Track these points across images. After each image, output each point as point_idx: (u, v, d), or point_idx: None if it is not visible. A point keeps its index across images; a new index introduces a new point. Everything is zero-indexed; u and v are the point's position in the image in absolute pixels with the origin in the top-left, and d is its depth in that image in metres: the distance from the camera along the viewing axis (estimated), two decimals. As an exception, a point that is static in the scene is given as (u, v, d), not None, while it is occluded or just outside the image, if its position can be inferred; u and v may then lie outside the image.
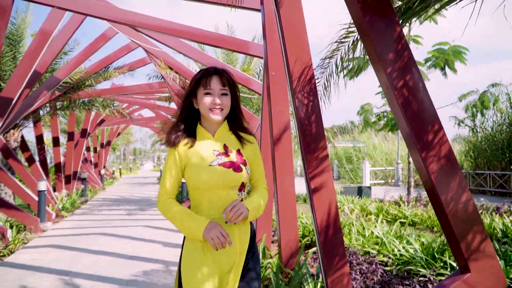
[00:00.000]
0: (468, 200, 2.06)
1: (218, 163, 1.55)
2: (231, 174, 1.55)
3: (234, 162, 1.58)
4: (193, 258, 1.52)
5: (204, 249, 1.52)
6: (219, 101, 1.56)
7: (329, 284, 2.76)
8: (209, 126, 1.63)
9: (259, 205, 1.58)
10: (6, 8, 5.07)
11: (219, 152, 1.58)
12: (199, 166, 1.54)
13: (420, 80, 2.02)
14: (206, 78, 1.56)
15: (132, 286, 3.72)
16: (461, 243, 2.05)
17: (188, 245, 1.56)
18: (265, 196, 1.65)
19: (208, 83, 1.56)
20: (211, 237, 1.44)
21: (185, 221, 1.51)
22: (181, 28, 5.37)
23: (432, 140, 2.03)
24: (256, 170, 1.68)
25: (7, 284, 3.83)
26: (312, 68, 2.88)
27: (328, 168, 2.87)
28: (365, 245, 4.63)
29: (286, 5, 2.80)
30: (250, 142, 1.67)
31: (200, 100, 1.58)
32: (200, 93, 1.57)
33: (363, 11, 1.95)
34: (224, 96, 1.58)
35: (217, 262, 1.51)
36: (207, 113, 1.57)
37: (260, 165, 1.70)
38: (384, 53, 1.99)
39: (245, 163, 1.61)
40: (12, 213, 6.48)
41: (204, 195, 1.55)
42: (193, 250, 1.53)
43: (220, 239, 1.44)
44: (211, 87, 1.56)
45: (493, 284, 2.10)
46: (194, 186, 1.56)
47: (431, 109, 2.04)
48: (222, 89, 1.57)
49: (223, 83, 1.57)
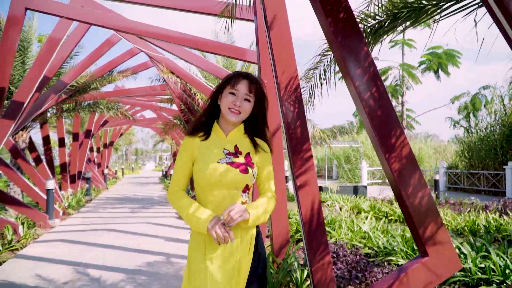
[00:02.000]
0: (425, 194, 2.41)
1: (226, 161, 1.59)
2: (237, 174, 1.57)
3: (242, 163, 1.61)
4: (196, 253, 1.57)
5: (206, 243, 1.56)
6: (239, 103, 1.60)
7: (313, 271, 3.11)
8: (225, 125, 1.67)
9: (262, 212, 1.59)
10: (19, 18, 5.44)
11: (229, 152, 1.62)
12: (207, 162, 1.58)
13: (384, 91, 2.37)
14: (236, 79, 1.61)
15: (137, 275, 4.08)
16: (419, 230, 2.40)
17: (193, 239, 1.62)
18: (271, 204, 1.65)
19: (236, 84, 1.60)
20: (214, 231, 1.48)
21: (192, 213, 1.55)
22: (182, 36, 5.72)
23: (395, 143, 2.38)
24: (266, 178, 1.69)
25: (22, 274, 4.20)
26: (298, 79, 3.23)
27: (312, 167, 3.22)
28: (353, 239, 4.99)
29: (275, 25, 3.16)
30: (264, 150, 1.69)
31: (224, 97, 1.62)
32: (226, 91, 1.62)
33: (334, 34, 2.30)
34: (247, 101, 1.62)
35: (218, 257, 1.54)
36: (226, 111, 1.61)
37: (270, 173, 1.71)
38: (353, 69, 2.34)
39: (252, 167, 1.63)
40: (23, 210, 6.85)
41: (208, 192, 1.58)
42: (197, 244, 1.58)
43: (223, 235, 1.48)
44: (237, 89, 1.60)
45: (448, 267, 2.45)
46: (199, 181, 1.59)
47: (393, 116, 2.39)
48: (247, 95, 1.61)
49: (250, 89, 1.61)
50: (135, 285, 3.74)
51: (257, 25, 4.37)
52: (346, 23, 2.32)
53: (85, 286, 3.74)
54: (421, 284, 2.38)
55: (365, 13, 2.99)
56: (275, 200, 1.70)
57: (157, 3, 4.68)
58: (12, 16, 5.40)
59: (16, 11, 5.41)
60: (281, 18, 3.26)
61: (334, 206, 6.65)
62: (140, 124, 21.26)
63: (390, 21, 2.81)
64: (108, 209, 9.74)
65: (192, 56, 6.81)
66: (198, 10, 4.74)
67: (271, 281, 3.45)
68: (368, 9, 2.98)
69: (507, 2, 1.47)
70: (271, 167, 1.72)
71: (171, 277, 4.00)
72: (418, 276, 2.39)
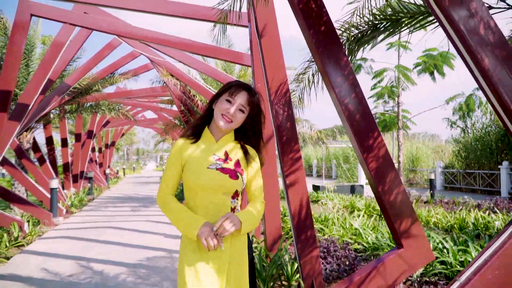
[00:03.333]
0: (400, 191, 2.63)
1: (216, 167, 1.58)
2: (226, 180, 1.57)
3: (232, 169, 1.60)
4: (187, 259, 1.56)
5: (196, 250, 1.56)
6: (233, 112, 1.60)
7: (302, 264, 3.34)
8: (215, 131, 1.67)
9: (253, 218, 1.60)
10: (25, 24, 5.68)
11: (218, 157, 1.62)
12: (197, 167, 1.57)
13: (362, 97, 2.60)
14: (236, 88, 1.62)
15: (138, 269, 4.32)
16: (395, 225, 2.62)
17: (183, 244, 1.61)
18: (261, 210, 1.67)
19: (235, 93, 1.61)
20: (204, 238, 1.47)
21: (181, 219, 1.55)
22: (181, 41, 5.95)
23: (372, 144, 2.61)
24: (255, 185, 1.70)
25: (31, 267, 4.44)
26: (287, 84, 3.46)
27: (301, 167, 3.45)
28: (344, 236, 5.21)
29: (266, 34, 3.39)
30: (253, 158, 1.70)
31: (219, 102, 1.62)
32: (223, 97, 1.62)
33: (316, 45, 2.53)
34: (241, 112, 1.62)
35: (208, 262, 1.54)
36: (218, 117, 1.61)
37: (259, 180, 1.72)
38: (333, 77, 2.57)
39: (242, 173, 1.63)
40: (28, 208, 7.10)
41: (197, 197, 1.58)
42: (187, 252, 1.57)
43: (212, 241, 1.47)
44: (234, 98, 1.60)
45: (422, 258, 2.67)
46: (189, 186, 1.60)
47: (371, 120, 2.61)
48: (243, 106, 1.61)
49: (247, 102, 1.61)
50: (136, 277, 3.98)
51: (251, 31, 4.60)
52: (326, 35, 2.54)
53: (89, 278, 3.98)
54: (396, 273, 2.61)
55: (349, 23, 3.22)
56: (264, 206, 1.71)
57: (156, 11, 4.90)
58: (18, 22, 5.64)
59: (22, 17, 5.65)
60: (271, 27, 3.49)
61: (327, 204, 6.88)
62: (141, 124, 21.51)
63: (371, 31, 3.04)
64: (110, 208, 9.98)
65: (191, 59, 7.04)
66: (195, 16, 4.95)
67: (263, 274, 3.67)
68: (352, 19, 3.20)
69: (456, 20, 1.70)
70: (260, 173, 1.73)
71: (169, 270, 4.24)
72: (394, 265, 2.61)
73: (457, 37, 1.74)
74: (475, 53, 1.70)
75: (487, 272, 1.72)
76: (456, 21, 1.70)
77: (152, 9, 4.93)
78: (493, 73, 1.70)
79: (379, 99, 12.04)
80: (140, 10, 4.92)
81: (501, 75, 1.71)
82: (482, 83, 1.77)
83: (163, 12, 4.96)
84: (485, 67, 1.70)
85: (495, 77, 1.70)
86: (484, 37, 1.72)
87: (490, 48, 1.71)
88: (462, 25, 1.71)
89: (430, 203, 9.51)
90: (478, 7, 1.72)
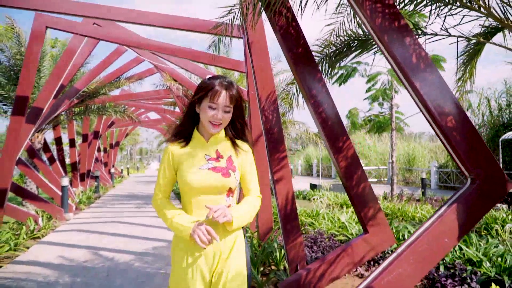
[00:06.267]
0: (366, 185, 3.13)
1: (208, 167, 1.60)
2: (219, 178, 1.59)
3: (224, 167, 1.62)
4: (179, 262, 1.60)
5: (188, 251, 1.58)
6: (221, 116, 1.59)
7: (287, 249, 3.84)
8: (205, 131, 1.67)
9: (246, 214, 1.62)
10: (40, 35, 6.22)
11: (210, 157, 1.63)
12: (190, 169, 1.59)
13: (333, 106, 3.10)
14: (215, 92, 1.57)
15: (145, 256, 4.84)
16: (361, 214, 3.12)
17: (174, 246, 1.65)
18: (256, 205, 1.69)
19: (216, 98, 1.57)
20: (197, 235, 1.50)
21: (174, 221, 1.58)
22: (183, 50, 6.47)
23: (342, 146, 3.11)
24: (249, 178, 1.71)
25: (48, 255, 4.98)
26: (275, 93, 3.97)
27: (287, 165, 3.96)
28: (331, 229, 5.71)
29: (255, 49, 3.90)
30: (244, 151, 1.70)
31: (203, 110, 1.60)
32: (205, 103, 1.59)
33: (294, 64, 3.03)
34: (227, 112, 1.61)
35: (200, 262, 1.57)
36: (207, 124, 1.61)
37: (253, 174, 1.72)
38: (309, 90, 3.07)
39: (234, 169, 1.64)
40: (41, 204, 7.65)
41: (192, 198, 1.60)
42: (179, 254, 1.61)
43: (206, 236, 1.50)
44: (217, 102, 1.58)
45: (383, 242, 3.17)
46: (183, 187, 1.61)
47: (341, 126, 3.11)
48: (227, 106, 1.60)
49: (230, 100, 1.59)
50: (142, 263, 4.50)
51: (245, 42, 5.10)
52: (303, 55, 3.05)
53: (101, 264, 4.51)
54: (361, 254, 3.11)
55: (329, 41, 3.73)
56: (260, 200, 1.73)
57: (157, 24, 5.37)
58: (34, 33, 6.19)
59: (38, 29, 6.20)
60: (261, 43, 4.00)
61: (317, 200, 7.39)
62: (145, 125, 22.06)
63: (346, 48, 3.54)
64: (116, 205, 10.53)
65: (192, 65, 7.56)
66: (193, 29, 5.44)
67: (255, 260, 4.18)
68: (331, 38, 3.71)
69: (394, 51, 2.19)
70: (254, 167, 1.73)
71: (172, 258, 4.76)
72: (360, 247, 3.11)
73: (395, 64, 2.25)
74: (409, 76, 2.20)
75: (418, 246, 2.22)
76: (394, 52, 2.20)
77: (154, 22, 5.42)
78: (423, 91, 2.20)
79: (374, 102, 12.50)
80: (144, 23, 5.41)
81: (429, 93, 2.21)
82: (415, 98, 2.27)
83: (163, 25, 5.44)
84: (416, 86, 2.20)
85: (424, 94, 2.20)
86: (416, 64, 2.22)
87: (420, 72, 2.22)
88: (399, 56, 2.21)
89: (421, 201, 9.98)
90: (411, 41, 2.22)
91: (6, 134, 6.38)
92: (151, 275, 4.06)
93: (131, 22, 5.39)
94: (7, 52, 8.97)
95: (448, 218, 2.23)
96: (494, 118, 13.09)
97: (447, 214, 2.23)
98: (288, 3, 3.02)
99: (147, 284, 3.79)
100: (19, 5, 4.84)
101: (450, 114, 2.21)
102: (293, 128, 10.25)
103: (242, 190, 1.77)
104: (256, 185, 1.73)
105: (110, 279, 3.96)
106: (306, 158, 26.28)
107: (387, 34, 2.20)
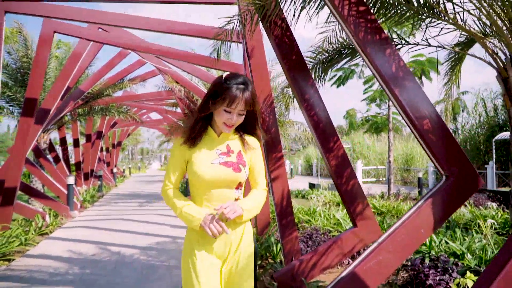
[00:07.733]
0: (354, 183, 3.39)
1: (219, 162, 1.64)
2: (230, 173, 1.63)
3: (234, 162, 1.66)
4: (191, 251, 1.64)
5: (199, 241, 1.63)
6: (235, 120, 1.62)
7: (283, 243, 4.10)
8: (217, 127, 1.70)
9: (255, 206, 1.68)
10: (49, 40, 6.49)
11: (221, 152, 1.67)
12: (201, 163, 1.63)
13: (325, 109, 3.36)
14: (232, 99, 1.56)
15: (149, 251, 5.11)
16: (350, 209, 3.38)
17: (187, 238, 1.69)
18: (262, 197, 1.74)
19: (233, 104, 1.58)
20: (208, 226, 1.54)
21: (184, 211, 1.62)
22: (186, 53, 6.73)
23: (332, 146, 3.37)
24: (257, 173, 1.76)
25: (58, 249, 5.25)
26: (272, 96, 4.23)
27: (283, 164, 4.22)
28: (327, 225, 5.97)
29: (254, 55, 4.16)
30: (253, 147, 1.74)
31: (218, 112, 1.62)
32: (221, 106, 1.60)
33: (288, 70, 3.29)
34: (241, 115, 1.64)
35: (212, 252, 1.63)
36: (221, 125, 1.64)
37: (261, 168, 1.77)
38: (302, 95, 3.33)
39: (244, 164, 1.69)
40: (48, 202, 7.92)
41: (202, 191, 1.65)
42: (191, 244, 1.65)
43: (216, 228, 1.54)
44: (233, 108, 1.59)
45: (371, 235, 3.42)
46: (194, 181, 1.65)
47: (332, 127, 3.37)
48: (241, 111, 1.62)
49: (245, 105, 1.60)
50: (147, 256, 4.77)
51: (244, 47, 5.36)
52: (296, 62, 3.31)
53: (108, 257, 4.78)
54: (350, 245, 3.37)
55: (322, 48, 3.98)
56: (266, 192, 1.79)
57: (162, 30, 5.64)
58: (43, 38, 6.46)
59: (46, 34, 6.47)
60: (259, 49, 4.26)
61: (314, 199, 7.64)
62: (147, 125, 22.33)
63: (338, 55, 3.80)
64: (119, 203, 10.81)
65: (194, 68, 7.82)
66: (196, 34, 5.71)
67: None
68: (324, 45, 3.97)
69: (375, 62, 2.45)
70: (262, 162, 1.78)
71: (175, 252, 5.02)
72: (349, 240, 3.37)
73: (376, 73, 2.50)
74: (389, 84, 2.45)
75: (397, 236, 2.48)
76: (375, 62, 2.46)
77: (158, 28, 5.68)
78: (401, 97, 2.45)
79: (372, 103, 12.75)
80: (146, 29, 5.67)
81: (407, 99, 2.46)
82: (395, 104, 2.53)
83: (165, 31, 5.69)
84: (396, 93, 2.45)
85: (402, 100, 2.45)
86: (395, 73, 2.47)
87: (399, 80, 2.47)
88: (380, 65, 2.46)
89: (417, 200, 10.23)
90: (391, 52, 2.47)
91: (16, 134, 6.66)
92: (155, 267, 4.33)
93: (137, 28, 5.65)
94: (14, 55, 9.25)
95: (424, 211, 2.48)
96: (489, 119, 13.33)
97: (423, 207, 2.49)
98: (282, 15, 3.28)
99: (152, 275, 4.06)
100: (31, 12, 5.11)
101: (426, 117, 2.46)
102: (292, 128, 10.51)
103: (248, 182, 1.81)
104: (263, 178, 1.79)
105: (117, 270, 4.22)
106: (306, 158, 26.53)
107: (369, 46, 2.45)
